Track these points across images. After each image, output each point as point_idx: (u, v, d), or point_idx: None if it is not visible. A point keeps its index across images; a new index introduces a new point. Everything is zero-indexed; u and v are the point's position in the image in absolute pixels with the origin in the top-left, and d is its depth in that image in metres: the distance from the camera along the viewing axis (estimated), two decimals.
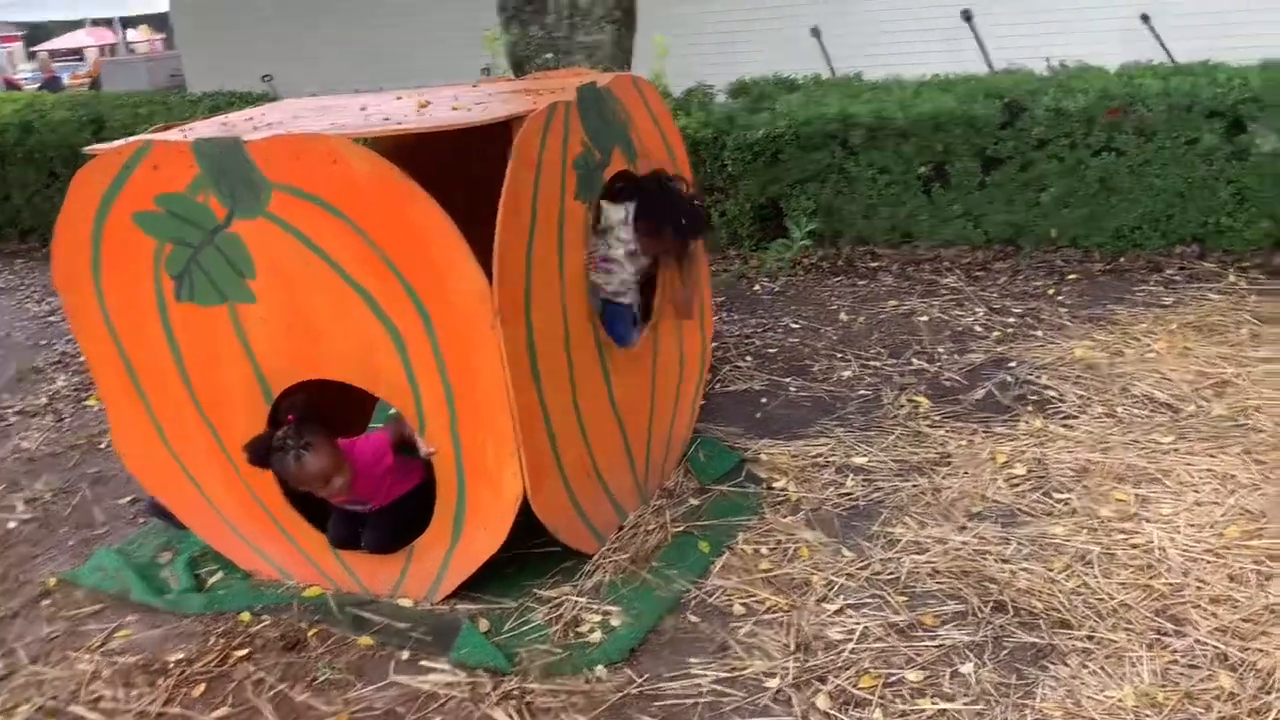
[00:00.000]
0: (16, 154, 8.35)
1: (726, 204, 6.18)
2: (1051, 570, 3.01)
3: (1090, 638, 2.73)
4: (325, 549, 3.24)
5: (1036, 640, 2.75)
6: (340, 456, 3.04)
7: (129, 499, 4.00)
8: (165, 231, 2.96)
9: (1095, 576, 2.96)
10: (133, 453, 3.37)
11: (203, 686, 2.89)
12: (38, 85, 18.63)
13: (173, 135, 3.05)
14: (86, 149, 3.11)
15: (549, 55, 4.65)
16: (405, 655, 2.96)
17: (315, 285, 2.87)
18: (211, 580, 3.42)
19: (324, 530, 3.23)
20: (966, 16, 7.59)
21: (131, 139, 3.03)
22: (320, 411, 3.07)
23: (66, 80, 19.36)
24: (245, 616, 3.17)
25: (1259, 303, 4.72)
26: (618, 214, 3.52)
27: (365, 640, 3.03)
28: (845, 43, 8.38)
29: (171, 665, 2.98)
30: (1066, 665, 2.64)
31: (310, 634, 3.09)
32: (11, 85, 21.11)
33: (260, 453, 2.99)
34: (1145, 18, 7.05)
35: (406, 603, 3.19)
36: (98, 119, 8.25)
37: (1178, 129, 5.18)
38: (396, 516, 3.18)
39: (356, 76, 10.49)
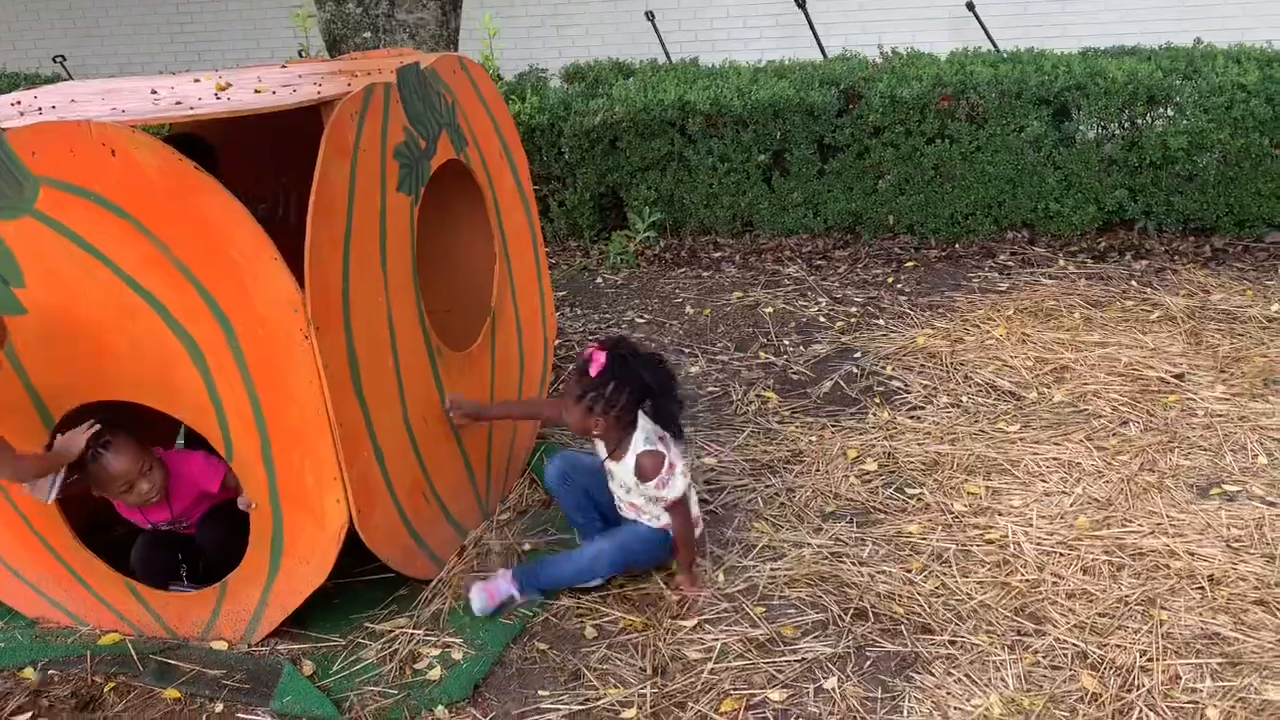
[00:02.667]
0: None
1: (565, 193, 5.96)
2: (909, 571, 2.93)
3: (953, 642, 2.65)
4: (124, 591, 2.87)
5: (899, 648, 2.65)
6: (149, 459, 2.75)
7: None
8: None
9: (953, 576, 2.89)
10: None
11: None
12: None
13: None
14: None
15: (367, 34, 4.32)
16: (219, 708, 2.63)
17: (97, 294, 2.51)
18: None
19: (122, 569, 2.86)
20: (800, 2, 7.59)
21: None
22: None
23: None
24: (29, 673, 2.77)
25: (1089, 286, 4.82)
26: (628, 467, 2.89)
27: (172, 693, 2.69)
28: (681, 26, 8.26)
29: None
30: (931, 674, 2.55)
31: (107, 689, 2.73)
32: None
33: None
34: (971, 5, 7.19)
35: (220, 646, 2.85)
36: None
37: (1008, 116, 5.26)
38: (230, 519, 2.84)
39: (160, 59, 9.76)
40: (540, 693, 2.61)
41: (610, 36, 8.34)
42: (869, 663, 2.62)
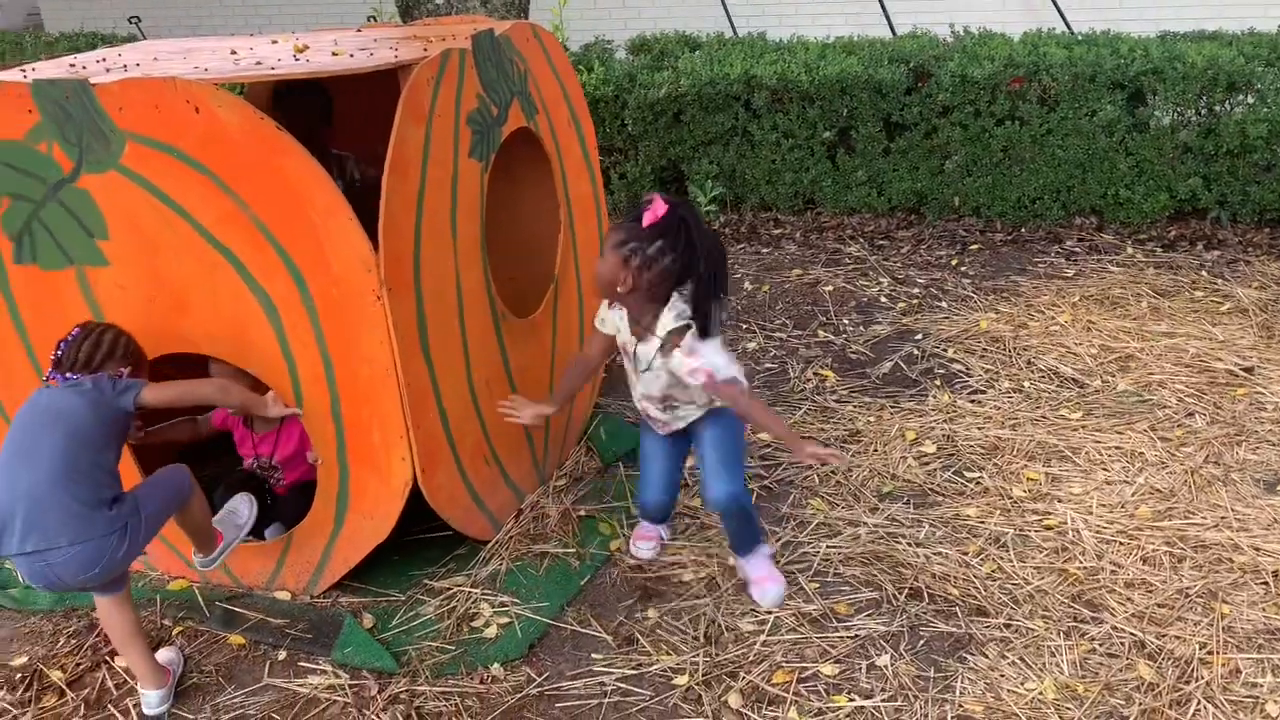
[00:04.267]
0: None
1: (626, 166, 5.95)
2: (966, 554, 2.92)
3: (1008, 626, 2.64)
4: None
5: (954, 629, 2.65)
6: (252, 383, 2.77)
7: None
8: (2, 184, 2.61)
9: (1010, 560, 2.88)
10: None
11: (52, 694, 2.59)
12: None
13: (10, 75, 2.68)
14: None
15: (439, 1, 4.34)
16: (282, 655, 2.71)
17: (177, 249, 2.57)
18: None
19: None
20: None
21: None
22: None
23: None
24: None
25: (1157, 275, 4.73)
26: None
27: (237, 639, 2.77)
28: (748, 1, 8.19)
29: (17, 670, 2.67)
30: (985, 656, 2.55)
31: (175, 632, 2.82)
32: None
33: None
34: None
35: (284, 596, 2.93)
36: None
37: (1080, 100, 5.16)
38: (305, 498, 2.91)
39: (232, 23, 9.89)
40: (593, 655, 2.65)
41: (675, 9, 8.30)
42: (922, 642, 2.62)
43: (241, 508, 2.80)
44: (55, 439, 2.31)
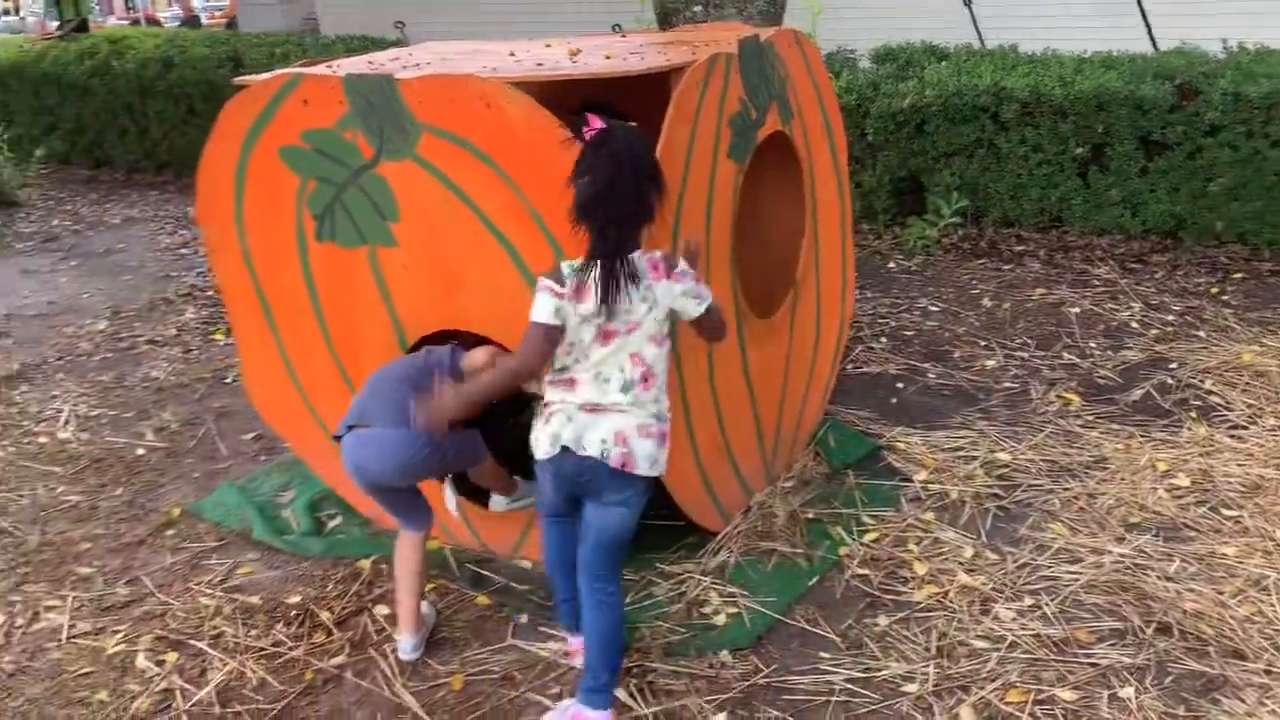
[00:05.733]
0: (157, 88, 8.51)
1: (863, 175, 5.92)
2: (1222, 594, 2.76)
3: (1269, 671, 2.49)
4: (442, 503, 3.17)
5: (1206, 669, 2.52)
6: None
7: (253, 435, 4.00)
8: (310, 168, 2.89)
9: (1272, 605, 2.71)
10: (261, 390, 3.34)
11: (321, 633, 2.85)
12: (178, 23, 19.15)
13: (319, 70, 2.97)
14: (236, 80, 3.06)
15: (697, 9, 4.46)
16: (524, 619, 2.87)
17: (459, 233, 2.77)
18: (331, 524, 3.39)
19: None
20: None
21: (280, 71, 2.96)
22: None
23: (205, 20, 19.86)
24: (364, 564, 3.13)
25: None
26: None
27: (483, 599, 2.96)
28: (998, 14, 7.96)
29: (291, 608, 2.95)
30: (1241, 700, 2.41)
31: (428, 588, 3.03)
32: (152, 21, 21.76)
33: None
34: None
35: (526, 564, 3.10)
36: (235, 56, 8.34)
37: None
38: None
39: (486, 31, 10.44)
40: (821, 654, 2.68)
41: (919, 20, 8.16)
42: (1170, 679, 2.51)
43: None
44: (400, 369, 2.70)
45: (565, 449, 2.31)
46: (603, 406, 2.31)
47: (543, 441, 2.35)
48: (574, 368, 2.34)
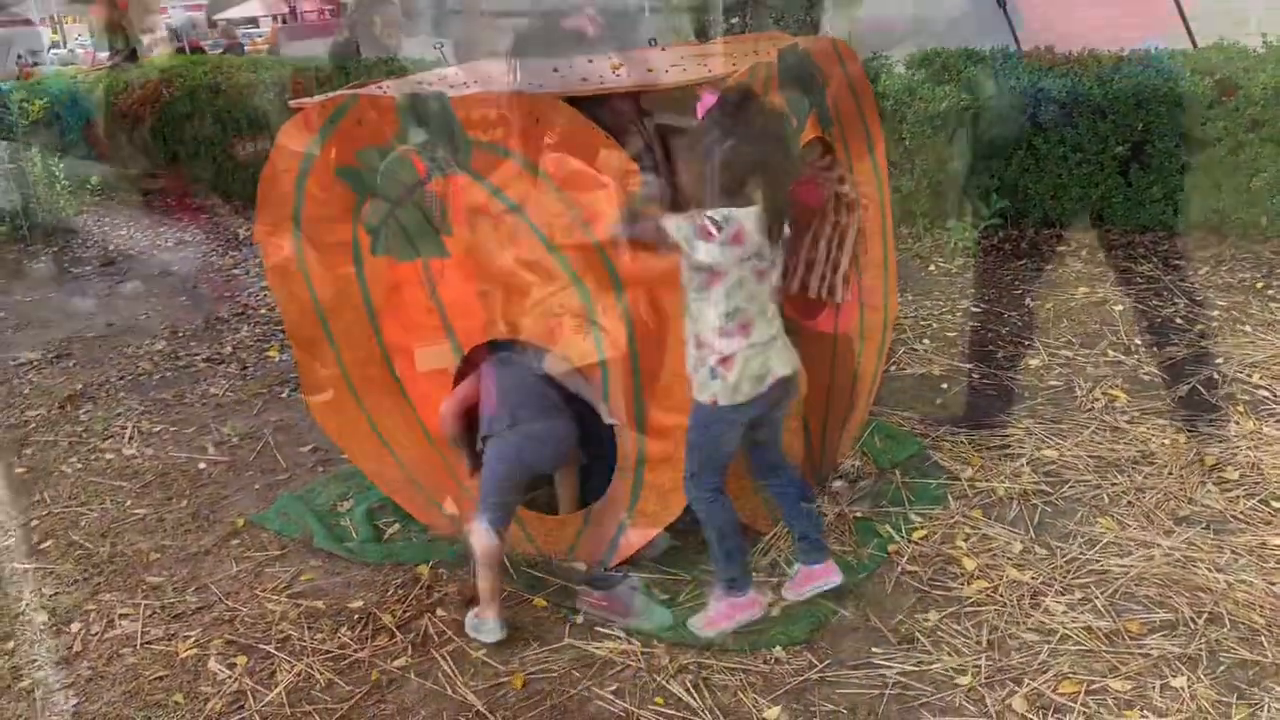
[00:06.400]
0: (206, 113, 8.73)
1: (900, 179, 5.95)
2: (1274, 584, 2.77)
3: None
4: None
5: (1259, 658, 2.53)
6: None
7: (310, 447, 4.12)
8: (366, 186, 2.99)
9: None
10: (320, 402, 3.44)
11: (384, 636, 2.94)
12: (220, 50, 19.54)
13: (371, 90, 3.08)
14: (292, 103, 3.17)
15: (734, 21, 4.54)
16: (579, 619, 2.94)
17: (510, 244, 2.86)
18: (389, 532, 3.49)
19: None
20: None
21: (336, 93, 3.07)
22: None
23: (247, 47, 20.25)
24: (423, 569, 3.21)
25: None
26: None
27: (540, 600, 3.03)
28: (1034, 14, 7.95)
29: (354, 612, 3.04)
30: None
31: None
32: (195, 49, 22.19)
33: None
34: None
35: (580, 566, 3.17)
36: (280, 82, 8.54)
37: None
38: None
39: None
40: (873, 649, 2.72)
41: (956, 24, 8.17)
42: (1222, 668, 2.52)
43: None
44: (517, 371, 2.99)
45: (761, 380, 2.63)
46: (773, 336, 2.66)
47: (744, 386, 2.62)
48: (745, 309, 2.59)
